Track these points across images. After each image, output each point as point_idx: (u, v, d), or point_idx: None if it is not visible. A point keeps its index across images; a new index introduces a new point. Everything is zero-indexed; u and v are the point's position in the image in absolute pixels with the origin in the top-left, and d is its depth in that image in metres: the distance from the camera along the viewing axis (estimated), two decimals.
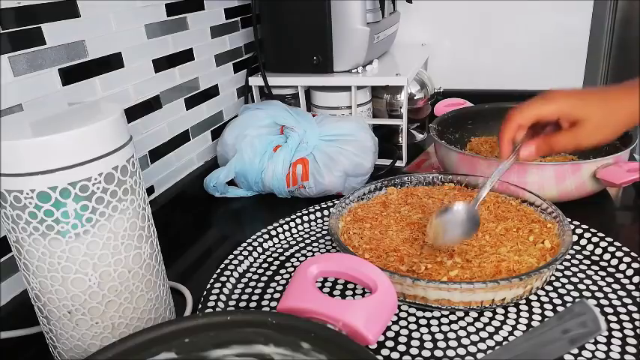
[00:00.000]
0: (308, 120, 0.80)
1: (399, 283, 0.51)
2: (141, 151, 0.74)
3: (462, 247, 0.56)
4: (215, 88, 0.91)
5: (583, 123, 0.51)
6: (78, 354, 0.45)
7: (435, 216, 0.56)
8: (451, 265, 0.53)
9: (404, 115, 0.90)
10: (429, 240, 0.56)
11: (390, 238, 0.59)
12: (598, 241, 0.62)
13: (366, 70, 0.95)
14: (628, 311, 0.51)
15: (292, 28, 0.92)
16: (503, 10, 1.13)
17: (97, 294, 0.43)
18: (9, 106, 0.53)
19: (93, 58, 0.64)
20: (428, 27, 1.20)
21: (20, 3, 0.54)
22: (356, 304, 0.39)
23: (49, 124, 0.42)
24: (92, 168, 0.40)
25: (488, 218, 0.61)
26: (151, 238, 0.47)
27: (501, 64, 1.17)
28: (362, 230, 0.61)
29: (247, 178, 0.79)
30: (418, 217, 0.63)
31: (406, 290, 0.51)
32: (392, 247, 0.57)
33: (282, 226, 0.70)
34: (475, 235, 0.58)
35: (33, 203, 0.39)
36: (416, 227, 0.61)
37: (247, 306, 0.56)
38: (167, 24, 0.77)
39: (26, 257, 0.42)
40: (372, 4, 0.95)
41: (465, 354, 0.47)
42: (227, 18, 0.93)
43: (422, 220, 0.62)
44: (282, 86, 0.97)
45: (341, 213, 0.63)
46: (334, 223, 0.60)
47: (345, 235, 0.60)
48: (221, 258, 0.63)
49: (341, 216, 0.63)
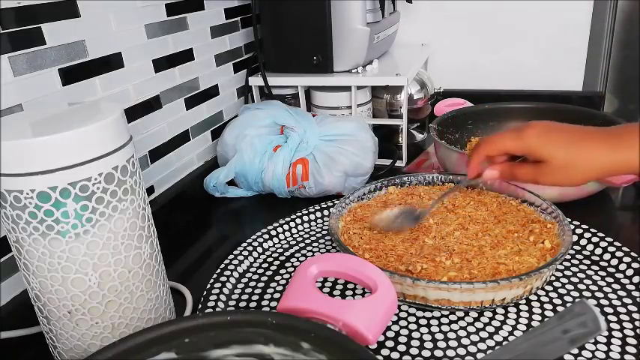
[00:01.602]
0: (308, 120, 0.80)
1: (398, 283, 0.50)
2: (141, 151, 0.74)
3: (461, 247, 0.56)
4: (215, 88, 0.91)
5: (545, 163, 0.52)
6: (78, 354, 0.45)
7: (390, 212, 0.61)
8: (450, 265, 0.53)
9: (404, 115, 0.90)
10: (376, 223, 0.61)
11: (390, 237, 0.59)
12: (598, 241, 0.62)
13: (366, 70, 0.95)
14: (628, 311, 0.51)
15: (292, 28, 0.92)
16: (503, 10, 1.13)
17: (97, 294, 0.43)
18: (9, 106, 0.53)
19: (93, 58, 0.64)
20: (428, 27, 1.20)
21: (20, 3, 0.54)
22: (356, 304, 0.39)
23: (49, 124, 0.42)
24: (92, 168, 0.40)
25: (488, 219, 0.61)
26: (151, 238, 0.47)
27: (501, 64, 1.17)
28: (362, 230, 0.61)
29: (247, 178, 0.79)
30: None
31: (406, 290, 0.51)
32: (391, 246, 0.57)
33: (282, 226, 0.70)
34: (475, 235, 0.58)
35: (33, 203, 0.39)
36: (416, 227, 0.61)
37: (247, 306, 0.56)
38: (167, 24, 0.77)
39: (26, 257, 0.42)
40: (372, 4, 0.95)
41: (465, 354, 0.47)
42: (227, 18, 0.93)
43: (423, 222, 0.62)
44: (282, 86, 0.97)
45: (341, 213, 0.63)
46: (334, 223, 0.60)
47: (345, 235, 0.60)
48: (221, 258, 0.63)
49: (341, 216, 0.63)
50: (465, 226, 0.60)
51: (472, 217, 0.62)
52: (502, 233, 0.58)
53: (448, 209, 0.64)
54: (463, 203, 0.65)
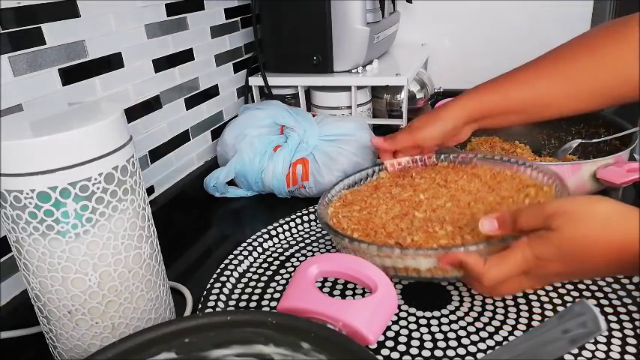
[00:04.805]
0: (308, 120, 0.80)
1: (388, 257, 0.48)
2: (141, 151, 0.74)
3: (453, 216, 0.54)
4: (215, 88, 0.91)
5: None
6: (78, 354, 0.45)
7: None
8: (442, 234, 0.51)
9: (404, 115, 0.90)
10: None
11: (380, 217, 0.57)
12: None
13: (366, 70, 0.95)
14: (628, 311, 0.51)
15: (292, 28, 0.92)
16: (503, 10, 1.13)
17: (97, 294, 0.43)
18: (9, 106, 0.53)
19: (93, 58, 0.64)
20: (428, 27, 1.20)
21: (20, 3, 0.54)
22: (356, 304, 0.39)
23: (49, 124, 0.42)
24: (92, 168, 0.40)
25: (481, 189, 0.59)
26: (151, 238, 0.47)
27: (501, 64, 1.16)
28: (351, 212, 0.59)
29: (247, 178, 0.79)
30: (409, 194, 0.61)
31: (397, 263, 0.49)
32: (380, 224, 0.55)
33: (282, 226, 0.70)
34: (467, 205, 0.56)
35: (33, 203, 0.39)
36: (406, 204, 0.58)
37: (247, 306, 0.56)
38: (167, 24, 0.77)
39: (26, 257, 0.42)
40: (372, 4, 0.95)
41: (464, 354, 0.47)
42: (227, 18, 0.93)
43: (412, 197, 0.59)
44: (282, 86, 0.97)
45: (330, 200, 0.62)
46: (323, 209, 0.59)
47: (334, 219, 0.58)
48: (221, 258, 0.63)
49: (330, 203, 0.62)
50: (457, 197, 0.58)
51: (464, 189, 0.59)
52: (496, 200, 0.55)
53: (439, 185, 0.62)
54: (455, 178, 0.62)
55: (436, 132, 0.63)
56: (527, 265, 0.44)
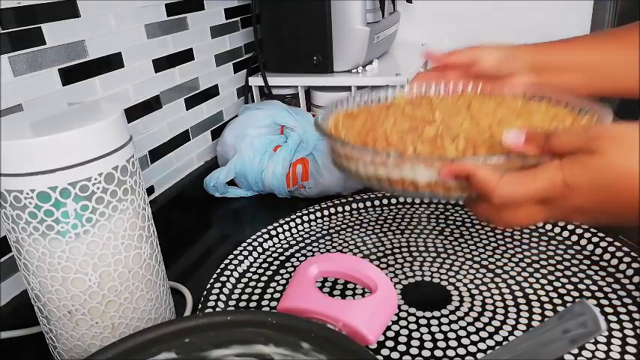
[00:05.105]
0: (308, 120, 0.80)
1: (383, 165, 0.42)
2: (141, 151, 0.74)
3: (469, 135, 0.44)
4: (215, 88, 0.91)
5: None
6: (78, 354, 0.45)
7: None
8: (453, 150, 0.43)
9: None
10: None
11: (384, 129, 0.48)
12: (598, 241, 0.62)
13: (366, 70, 0.95)
14: (628, 311, 0.51)
15: (292, 28, 0.92)
16: (503, 10, 1.13)
17: (97, 294, 0.43)
18: (9, 106, 0.53)
19: (93, 58, 0.64)
20: (428, 27, 1.20)
21: (20, 3, 0.54)
22: (356, 304, 0.39)
23: (49, 124, 0.42)
24: (92, 168, 0.40)
25: (507, 114, 0.49)
26: (151, 238, 0.47)
27: None
28: (353, 122, 0.51)
29: (247, 178, 0.79)
30: (423, 113, 0.51)
31: (392, 174, 0.42)
32: (383, 136, 0.46)
33: (282, 226, 0.70)
34: (488, 128, 0.46)
35: (33, 203, 0.39)
36: (418, 120, 0.49)
37: (247, 306, 0.56)
38: (167, 24, 0.77)
39: (26, 257, 0.42)
40: (372, 4, 0.95)
41: (465, 354, 0.47)
42: (227, 18, 0.93)
43: (427, 115, 0.50)
44: (282, 86, 0.97)
45: (333, 112, 0.54)
46: (324, 120, 0.52)
47: (333, 128, 0.51)
48: (221, 258, 0.63)
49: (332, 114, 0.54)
50: (477, 118, 0.48)
51: (488, 112, 0.50)
52: (523, 126, 0.45)
53: (460, 108, 0.52)
54: (480, 103, 0.53)
55: (497, 53, 0.59)
56: (553, 191, 0.38)
